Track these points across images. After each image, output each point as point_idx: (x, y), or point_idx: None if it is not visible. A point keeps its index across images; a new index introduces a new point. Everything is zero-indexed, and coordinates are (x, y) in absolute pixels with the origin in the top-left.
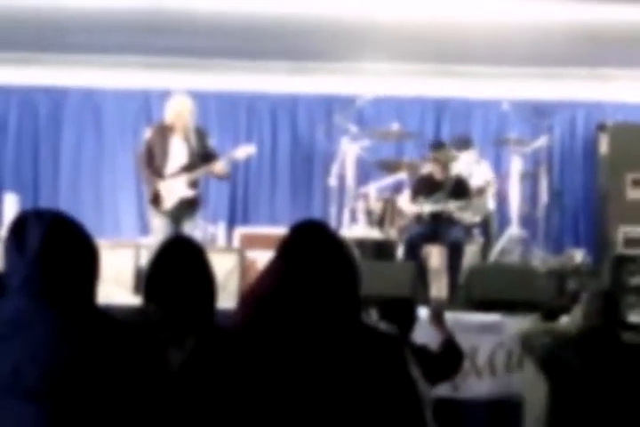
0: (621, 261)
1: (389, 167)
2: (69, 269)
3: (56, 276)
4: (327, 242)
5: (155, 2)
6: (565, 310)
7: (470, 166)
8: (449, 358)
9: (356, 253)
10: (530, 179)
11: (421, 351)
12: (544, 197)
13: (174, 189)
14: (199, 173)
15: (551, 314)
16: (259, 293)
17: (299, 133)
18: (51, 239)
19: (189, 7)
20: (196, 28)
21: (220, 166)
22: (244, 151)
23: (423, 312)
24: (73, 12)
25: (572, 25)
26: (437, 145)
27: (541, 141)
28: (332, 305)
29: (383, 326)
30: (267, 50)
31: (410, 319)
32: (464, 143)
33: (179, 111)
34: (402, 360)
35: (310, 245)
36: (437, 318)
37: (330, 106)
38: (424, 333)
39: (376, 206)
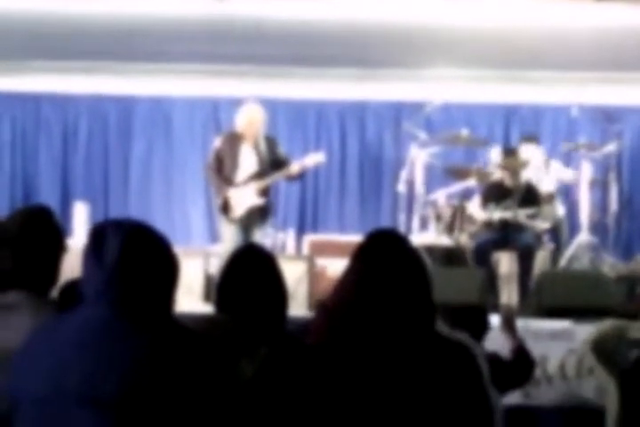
0: None
1: (458, 174)
2: (147, 280)
3: (133, 286)
4: (402, 251)
5: (223, 10)
6: (636, 315)
7: (539, 172)
8: (521, 366)
9: (428, 260)
10: (600, 185)
11: (493, 359)
12: (614, 203)
13: (244, 197)
14: (275, 177)
15: (622, 319)
16: (335, 301)
17: (367, 140)
18: (129, 249)
19: (257, 15)
20: (263, 35)
21: (296, 168)
22: (313, 159)
23: (493, 319)
24: (142, 20)
25: None
26: (507, 152)
27: (611, 147)
28: (409, 314)
29: (458, 334)
30: (335, 57)
31: (482, 327)
32: (531, 139)
33: (250, 120)
34: (476, 371)
35: (386, 253)
36: (509, 324)
37: (398, 112)
38: (494, 340)
39: (445, 213)
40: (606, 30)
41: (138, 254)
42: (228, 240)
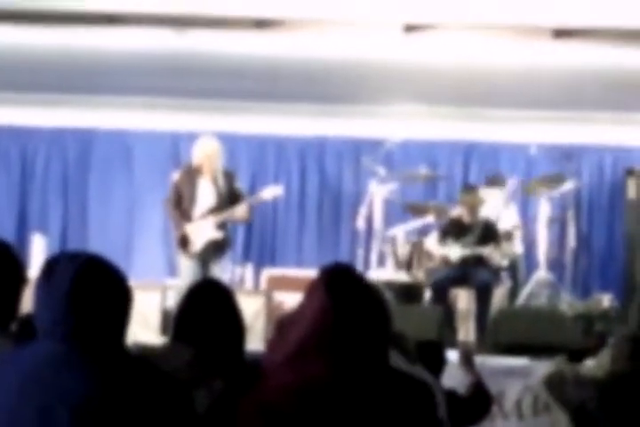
0: None
1: (417, 210)
2: (99, 313)
3: (85, 319)
4: (358, 286)
5: (184, 44)
6: (592, 353)
7: (499, 210)
8: (478, 401)
9: (387, 295)
10: (557, 223)
11: (450, 394)
12: (572, 241)
13: (203, 231)
14: (223, 216)
15: (576, 356)
16: (289, 337)
17: (327, 176)
18: (81, 282)
19: (218, 50)
20: (224, 70)
21: (240, 212)
22: (271, 192)
23: (451, 355)
24: (101, 53)
25: (600, 69)
26: (467, 188)
27: (569, 185)
28: (367, 349)
29: (415, 369)
30: (295, 93)
31: (439, 362)
32: (497, 181)
33: (207, 153)
34: (432, 406)
35: (341, 289)
36: (466, 360)
37: (358, 148)
38: (452, 376)
39: (403, 249)
40: (565, 69)
41: (89, 287)
42: (186, 274)
